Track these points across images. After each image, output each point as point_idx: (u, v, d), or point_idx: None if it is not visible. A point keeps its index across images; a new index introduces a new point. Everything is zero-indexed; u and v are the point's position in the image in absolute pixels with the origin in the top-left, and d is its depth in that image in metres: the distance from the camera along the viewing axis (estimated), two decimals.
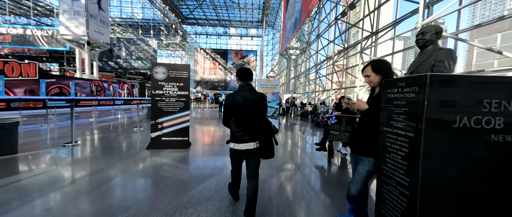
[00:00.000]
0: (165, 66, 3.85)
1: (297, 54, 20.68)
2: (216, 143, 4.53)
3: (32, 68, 11.51)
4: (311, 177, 2.80)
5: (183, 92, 3.97)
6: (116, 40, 33.58)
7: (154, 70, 3.80)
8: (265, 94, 2.77)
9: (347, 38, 10.26)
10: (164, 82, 3.86)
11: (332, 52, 10.31)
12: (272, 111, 6.26)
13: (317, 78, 13.53)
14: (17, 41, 20.59)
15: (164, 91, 3.88)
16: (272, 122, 6.38)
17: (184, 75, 3.94)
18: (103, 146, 3.89)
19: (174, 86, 3.91)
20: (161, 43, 37.91)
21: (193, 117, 10.26)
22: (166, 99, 3.90)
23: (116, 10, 36.20)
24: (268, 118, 1.84)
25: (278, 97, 6.25)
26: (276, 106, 6.25)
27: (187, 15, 38.01)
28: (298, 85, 18.72)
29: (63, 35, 17.91)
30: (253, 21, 39.23)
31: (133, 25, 37.59)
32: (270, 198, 2.11)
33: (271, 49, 42.69)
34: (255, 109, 1.66)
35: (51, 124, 6.17)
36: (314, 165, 3.26)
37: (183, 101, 3.98)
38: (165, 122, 3.92)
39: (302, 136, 6.03)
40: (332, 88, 10.56)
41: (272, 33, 42.51)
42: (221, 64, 40.55)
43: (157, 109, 3.87)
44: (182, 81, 3.94)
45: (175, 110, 3.95)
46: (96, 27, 19.04)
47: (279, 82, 6.34)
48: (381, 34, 7.29)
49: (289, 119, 11.30)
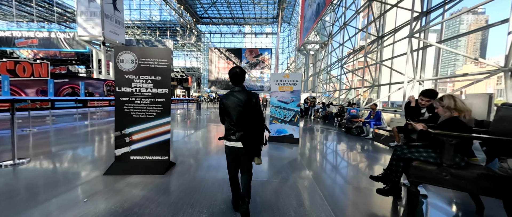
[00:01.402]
0: (133, 51, 2.62)
1: (316, 49, 18.72)
2: (215, 159, 3.20)
3: (44, 68, 11.40)
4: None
5: (161, 89, 2.70)
6: (135, 42, 34.53)
7: (118, 58, 2.59)
8: (257, 93, 1.89)
9: (383, 23, 8.31)
10: (133, 75, 2.63)
11: (365, 40, 8.44)
12: (290, 115, 4.78)
13: (342, 75, 11.63)
14: (43, 44, 21.70)
15: (133, 88, 2.65)
16: (292, 129, 4.96)
17: (162, 64, 2.67)
18: (45, 170, 2.75)
19: (148, 81, 2.66)
20: (177, 44, 38.33)
21: (200, 118, 9.19)
22: (136, 100, 2.66)
23: (136, 12, 37.40)
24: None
25: (298, 96, 4.75)
26: (295, 108, 4.76)
27: (201, 15, 37.79)
28: (318, 83, 16.82)
29: (81, 36, 18.25)
30: (268, 17, 37.69)
31: (151, 27, 38.56)
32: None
33: (287, 47, 40.75)
34: (244, 109, 1.65)
35: (34, 128, 5.41)
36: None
37: (162, 103, 2.71)
38: (135, 133, 2.69)
39: (334, 152, 4.44)
40: (363, 86, 8.69)
41: (288, 30, 40.54)
42: (235, 63, 39.70)
43: (123, 114, 2.65)
44: (159, 74, 2.68)
45: (149, 116, 2.70)
46: (112, 27, 19.15)
47: (300, 77, 4.82)
48: (437, 13, 5.38)
49: (309, 122, 9.64)
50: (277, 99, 4.87)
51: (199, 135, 5.37)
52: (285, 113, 4.83)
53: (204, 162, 3.12)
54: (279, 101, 4.86)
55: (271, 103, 5.00)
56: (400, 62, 7.15)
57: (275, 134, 4.85)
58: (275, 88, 4.86)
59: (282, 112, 4.84)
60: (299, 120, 4.74)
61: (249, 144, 1.64)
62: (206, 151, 3.83)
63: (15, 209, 1.76)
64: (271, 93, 4.97)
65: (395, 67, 7.23)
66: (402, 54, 6.50)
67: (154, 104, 2.70)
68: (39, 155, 3.21)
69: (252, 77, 39.07)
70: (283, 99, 4.83)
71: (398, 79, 7.10)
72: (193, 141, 4.69)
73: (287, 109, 4.81)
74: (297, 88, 4.70)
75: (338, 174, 2.92)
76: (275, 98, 4.89)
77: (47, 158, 3.14)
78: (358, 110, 7.77)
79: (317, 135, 6.18)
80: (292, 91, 4.74)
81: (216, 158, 3.36)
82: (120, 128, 2.65)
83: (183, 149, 3.92)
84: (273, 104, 4.93)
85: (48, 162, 2.94)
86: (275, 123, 4.90)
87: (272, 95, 4.93)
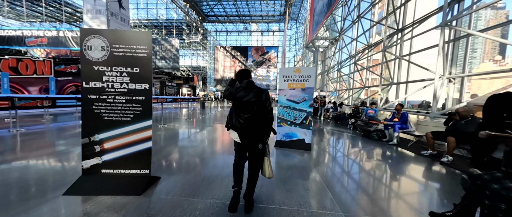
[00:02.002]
0: (104, 35, 2.04)
1: (325, 46, 17.80)
2: (212, 171, 2.60)
3: (47, 66, 11.24)
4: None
5: (140, 85, 2.11)
6: None
7: (85, 44, 2.02)
8: (267, 90, 1.75)
9: (404, 14, 7.40)
10: (104, 66, 2.06)
11: (384, 33, 7.56)
12: (301, 116, 4.11)
13: (355, 72, 10.76)
14: (52, 42, 21.95)
15: (104, 82, 2.08)
16: (303, 133, 4.30)
17: (141, 52, 2.08)
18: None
19: (123, 74, 2.08)
20: (183, 43, 38.23)
21: (205, 118, 8.66)
22: (108, 98, 2.09)
23: (143, 12, 37.63)
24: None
25: (311, 95, 4.06)
26: (308, 108, 4.07)
27: (207, 13, 37.44)
28: (327, 81, 15.94)
29: None
30: (275, 14, 36.81)
31: (158, 26, 38.71)
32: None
33: (294, 44, 39.78)
34: (253, 103, 1.67)
35: (22, 129, 5.02)
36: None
37: (141, 102, 2.13)
38: (108, 141, 2.12)
39: (356, 162, 3.73)
40: (381, 84, 7.84)
41: (295, 27, 39.52)
42: (241, 62, 39.20)
43: (92, 116, 2.09)
44: (137, 64, 2.09)
45: (125, 118, 2.12)
46: (117, 25, 18.99)
47: (314, 73, 4.12)
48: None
49: (319, 123, 8.89)
50: (286, 98, 4.21)
51: (197, 140, 4.80)
52: (295, 114, 4.16)
53: (197, 177, 2.52)
54: (289, 100, 4.19)
55: (279, 103, 4.35)
56: (421, 58, 6.33)
57: (283, 138, 4.20)
58: (283, 85, 4.20)
59: (292, 113, 4.18)
60: (311, 122, 4.06)
61: (248, 137, 1.66)
62: (202, 160, 3.23)
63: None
64: (279, 91, 4.31)
65: (416, 63, 6.34)
66: (433, 46, 5.63)
67: (131, 104, 2.11)
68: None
69: (258, 76, 38.42)
70: (293, 98, 4.16)
71: (419, 76, 6.17)
72: (188, 146, 4.12)
73: (297, 110, 4.14)
74: (310, 85, 4.02)
75: (367, 196, 2.22)
76: (284, 96, 4.23)
77: (2, 167, 2.64)
78: (376, 111, 6.97)
79: (331, 139, 5.46)
80: (303, 88, 4.07)
81: (214, 169, 2.75)
82: (89, 134, 2.09)
83: (174, 157, 3.35)
84: (282, 104, 4.27)
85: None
86: (284, 126, 4.24)
87: (280, 93, 4.28)
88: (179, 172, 2.65)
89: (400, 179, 2.84)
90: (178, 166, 2.87)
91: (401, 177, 2.90)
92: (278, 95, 4.30)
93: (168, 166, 2.84)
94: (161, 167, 2.75)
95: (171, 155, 3.37)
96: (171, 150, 3.68)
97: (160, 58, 34.77)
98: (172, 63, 34.99)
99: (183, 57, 45.25)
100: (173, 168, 2.80)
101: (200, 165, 2.91)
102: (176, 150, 3.70)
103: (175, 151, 3.66)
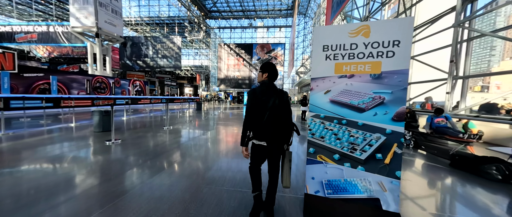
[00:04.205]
0: None
1: None
2: None
3: (9, 59, 9.29)
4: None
5: None
6: (144, 39, 33.21)
7: None
8: (286, 91, 1.59)
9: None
10: None
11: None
12: (372, 142, 1.68)
13: None
14: (42, 38, 20.40)
15: None
16: (378, 185, 1.77)
17: None
18: None
19: None
20: (186, 42, 36.43)
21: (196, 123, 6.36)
22: None
23: (145, 9, 36.14)
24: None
25: (400, 89, 1.62)
26: (388, 124, 1.63)
27: (210, 8, 35.39)
28: None
29: (74, 27, 16.43)
30: (282, 9, 34.27)
31: (160, 23, 37.21)
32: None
33: (302, 41, 37.11)
34: (276, 107, 1.64)
35: None
36: None
37: None
38: None
39: None
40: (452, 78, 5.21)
41: (303, 22, 36.84)
42: (245, 60, 36.93)
43: None
44: None
45: None
46: (107, 17, 17.12)
47: (409, 32, 1.67)
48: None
49: None
50: (331, 99, 1.79)
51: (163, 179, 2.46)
52: (354, 135, 1.73)
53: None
54: (337, 103, 1.77)
55: (311, 110, 1.92)
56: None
57: (322, 192, 1.78)
58: (323, 69, 1.78)
59: (345, 133, 1.75)
60: (399, 158, 1.61)
61: (275, 143, 1.64)
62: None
63: None
64: (312, 84, 1.89)
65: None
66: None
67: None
68: None
69: None
70: (349, 98, 1.73)
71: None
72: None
73: (361, 126, 1.70)
74: (397, 66, 1.58)
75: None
76: (325, 96, 1.81)
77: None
78: (450, 119, 4.40)
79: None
80: (377, 75, 1.63)
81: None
82: None
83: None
84: (319, 113, 1.85)
85: None
86: (325, 163, 1.81)
87: (315, 89, 1.86)
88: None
89: None
90: None
91: None
92: (311, 91, 1.87)
93: None
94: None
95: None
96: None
97: (162, 56, 33.09)
98: (174, 62, 33.21)
99: (186, 56, 43.57)
100: None
101: None
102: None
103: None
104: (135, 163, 2.99)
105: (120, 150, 3.53)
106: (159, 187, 2.23)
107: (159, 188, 2.20)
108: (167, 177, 2.48)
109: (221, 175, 2.61)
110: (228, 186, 2.28)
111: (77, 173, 2.54)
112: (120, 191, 2.10)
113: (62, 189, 2.10)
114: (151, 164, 2.96)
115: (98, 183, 2.27)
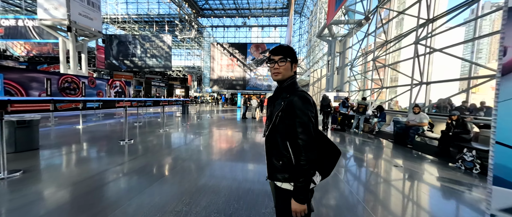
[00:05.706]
0: None
1: (342, 35, 13.92)
2: None
3: None
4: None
5: None
6: (132, 37, 31.12)
7: None
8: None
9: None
10: None
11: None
12: None
13: (387, 66, 6.85)
14: (10, 33, 18.18)
15: None
16: None
17: None
18: None
19: None
20: (176, 41, 34.58)
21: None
22: None
23: (133, 6, 34.03)
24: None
25: None
26: None
27: (202, 6, 33.72)
28: (351, 76, 12.02)
29: (42, 20, 14.46)
30: (277, 8, 33.05)
31: (149, 21, 35.21)
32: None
33: (298, 41, 36.01)
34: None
35: None
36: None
37: None
38: None
39: None
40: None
41: (299, 22, 35.79)
42: (239, 60, 35.37)
43: None
44: None
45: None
46: (82, 9, 15.19)
47: None
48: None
49: (354, 143, 4.91)
50: None
51: None
52: None
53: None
54: None
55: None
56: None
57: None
58: None
59: None
60: None
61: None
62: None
63: None
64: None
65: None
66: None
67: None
68: None
69: (259, 75, 34.59)
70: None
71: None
72: None
73: None
74: None
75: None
76: None
77: None
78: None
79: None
80: None
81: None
82: None
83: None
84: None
85: None
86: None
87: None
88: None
89: None
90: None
91: None
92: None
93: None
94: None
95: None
96: None
97: (151, 56, 31.04)
98: (163, 61, 31.21)
99: (177, 56, 41.63)
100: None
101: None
102: None
103: None
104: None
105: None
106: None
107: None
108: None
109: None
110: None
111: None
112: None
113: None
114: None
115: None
